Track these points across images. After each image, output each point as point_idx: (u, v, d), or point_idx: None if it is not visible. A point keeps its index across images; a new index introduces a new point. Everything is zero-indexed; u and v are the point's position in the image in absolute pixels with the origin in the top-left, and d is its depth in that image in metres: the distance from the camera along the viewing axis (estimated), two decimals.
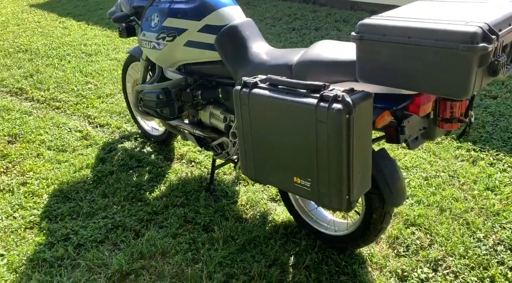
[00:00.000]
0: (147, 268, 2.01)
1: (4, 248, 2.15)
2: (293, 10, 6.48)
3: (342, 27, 5.58)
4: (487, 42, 1.18)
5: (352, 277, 1.95)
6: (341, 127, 1.33)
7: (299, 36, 5.31)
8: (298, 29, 5.59)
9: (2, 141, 3.14)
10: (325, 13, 6.24)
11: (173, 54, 2.22)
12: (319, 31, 5.49)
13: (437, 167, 2.71)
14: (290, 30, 5.57)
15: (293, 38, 5.26)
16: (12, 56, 5.00)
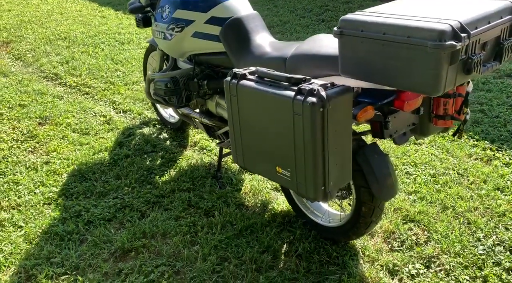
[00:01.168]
0: (147, 247, 2.13)
1: (24, 220, 2.34)
2: (325, 2, 6.42)
3: None
4: (456, 40, 1.18)
5: (342, 268, 1.99)
6: (315, 120, 1.36)
7: (327, 28, 5.28)
8: (327, 21, 5.55)
9: (33, 122, 3.37)
10: (357, 5, 6.14)
11: (182, 44, 2.31)
12: None
13: (447, 165, 2.67)
14: (319, 22, 5.53)
15: (321, 30, 5.24)
16: (52, 43, 5.29)
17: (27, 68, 4.59)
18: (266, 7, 6.39)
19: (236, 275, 1.96)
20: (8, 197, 2.53)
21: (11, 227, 2.30)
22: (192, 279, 1.94)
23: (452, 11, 1.30)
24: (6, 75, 4.35)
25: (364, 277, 1.93)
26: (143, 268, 2.01)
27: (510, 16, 1.36)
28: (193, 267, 2.01)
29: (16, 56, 4.95)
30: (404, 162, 2.72)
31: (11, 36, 5.62)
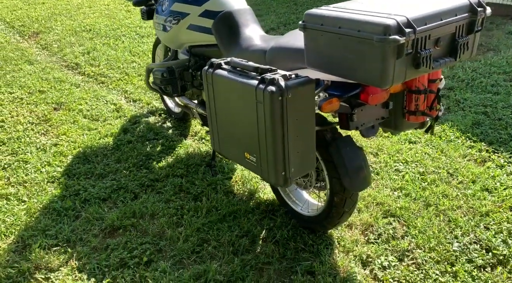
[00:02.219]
0: (135, 226, 2.27)
1: (27, 196, 2.52)
2: None
3: None
4: (400, 34, 1.23)
5: (315, 255, 2.05)
6: (274, 108, 1.44)
7: None
8: None
9: (49, 107, 3.59)
10: None
11: (178, 36, 2.43)
12: None
13: (439, 164, 2.68)
14: None
15: None
16: (77, 34, 5.55)
17: (51, 57, 4.85)
18: (285, 5, 6.45)
19: (214, 256, 2.07)
20: (17, 174, 2.72)
21: (16, 201, 2.48)
22: (172, 257, 2.06)
23: (406, 8, 1.35)
24: (31, 63, 4.61)
25: (335, 266, 2.00)
26: (128, 244, 2.14)
27: (467, 14, 1.40)
28: (175, 246, 2.12)
29: (43, 45, 5.23)
30: (396, 159, 2.74)
31: (41, 27, 5.92)
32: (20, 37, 5.59)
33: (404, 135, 2.99)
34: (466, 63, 4.11)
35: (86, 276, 1.97)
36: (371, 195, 2.41)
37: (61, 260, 2.06)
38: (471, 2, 1.41)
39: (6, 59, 4.70)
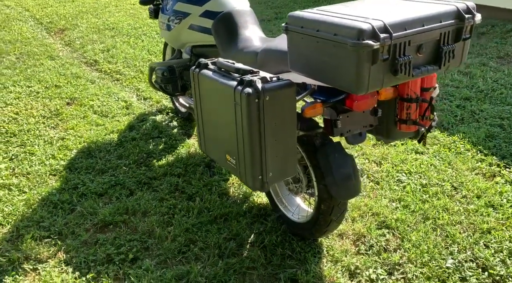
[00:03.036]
0: (126, 222, 2.28)
1: (28, 187, 2.58)
2: None
3: None
4: (374, 39, 1.18)
5: (301, 263, 2.01)
6: (250, 110, 1.41)
7: None
8: None
9: (62, 102, 3.67)
10: None
11: (180, 35, 2.44)
12: None
13: (444, 177, 2.57)
14: None
15: None
16: (100, 32, 5.67)
17: (73, 53, 4.97)
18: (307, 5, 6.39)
19: (199, 257, 2.05)
20: (22, 165, 2.79)
21: (17, 191, 2.54)
22: (157, 256, 2.06)
23: (388, 12, 1.29)
24: (53, 59, 4.75)
25: (320, 275, 1.94)
26: (116, 240, 2.15)
27: (453, 21, 1.33)
28: (162, 245, 2.12)
29: (66, 42, 5.37)
30: (399, 169, 2.66)
31: (68, 24, 6.10)
32: (46, 33, 5.77)
33: (411, 145, 2.89)
34: (488, 73, 3.95)
35: (71, 269, 1.99)
36: (368, 205, 2.34)
37: (51, 252, 2.10)
38: (458, 8, 1.34)
39: (30, 54, 4.86)
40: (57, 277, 1.95)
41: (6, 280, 1.94)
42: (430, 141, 2.95)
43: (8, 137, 3.14)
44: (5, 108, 3.56)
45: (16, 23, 6.15)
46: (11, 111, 3.50)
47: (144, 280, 1.91)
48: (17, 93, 3.86)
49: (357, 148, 2.88)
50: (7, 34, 5.61)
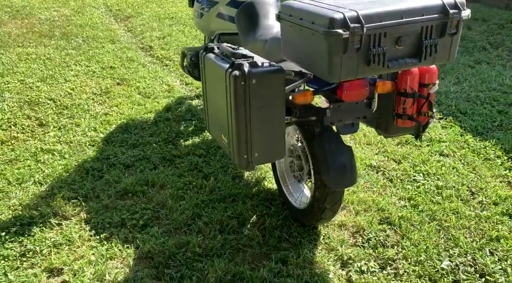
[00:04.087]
0: (145, 193, 2.47)
1: (69, 153, 2.88)
2: None
3: (473, 26, 5.06)
4: (345, 28, 1.22)
5: (295, 247, 2.07)
6: (236, 92, 1.51)
7: None
8: None
9: (113, 82, 3.99)
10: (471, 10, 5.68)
11: (208, 23, 2.58)
12: None
13: (463, 181, 2.49)
14: None
15: None
16: (160, 21, 6.01)
17: (132, 39, 5.33)
18: None
19: (201, 230, 2.19)
20: (67, 134, 3.11)
21: (58, 156, 2.85)
22: (165, 225, 2.23)
23: (368, 4, 1.32)
24: (113, 43, 5.13)
25: (311, 260, 2.00)
26: (132, 208, 2.35)
27: (437, 15, 1.32)
28: (171, 216, 2.29)
29: (129, 28, 5.76)
30: (417, 170, 2.61)
31: (133, 12, 6.51)
32: (113, 19, 6.22)
33: (437, 147, 2.82)
34: None
35: (89, 228, 2.22)
36: (375, 200, 2.34)
37: (75, 211, 2.34)
38: (444, 3, 1.33)
39: (95, 38, 5.28)
40: (75, 233, 2.19)
41: (35, 230, 2.21)
42: (459, 145, 2.86)
43: (61, 109, 3.49)
44: (64, 84, 3.94)
45: (89, 9, 6.68)
46: (68, 87, 3.87)
47: (148, 244, 2.08)
48: (77, 71, 4.24)
49: (379, 145, 2.86)
50: (80, 19, 6.12)
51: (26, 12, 6.47)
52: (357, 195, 2.38)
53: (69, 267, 1.99)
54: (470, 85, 3.70)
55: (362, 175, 2.57)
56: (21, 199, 2.44)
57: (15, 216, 2.31)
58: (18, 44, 5.04)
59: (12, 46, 4.97)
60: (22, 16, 6.27)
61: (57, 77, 4.09)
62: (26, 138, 3.08)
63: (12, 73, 4.21)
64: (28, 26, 5.80)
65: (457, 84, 3.74)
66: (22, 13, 6.44)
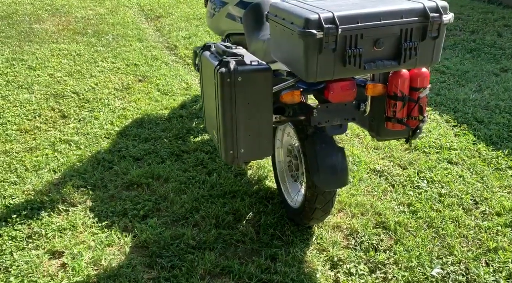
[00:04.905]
0: (149, 185, 2.56)
1: (84, 144, 3.01)
2: (462, 9, 5.90)
3: (505, 33, 4.89)
4: (319, 29, 1.24)
5: (287, 245, 2.10)
6: (222, 88, 1.56)
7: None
8: (449, 30, 5.15)
9: (135, 79, 4.13)
10: (498, 16, 5.50)
11: (218, 23, 2.65)
12: (474, 34, 4.96)
13: (468, 189, 2.44)
14: None
15: None
16: (188, 21, 6.15)
17: (159, 38, 5.49)
18: None
19: (198, 224, 2.25)
20: (85, 126, 3.25)
21: (74, 147, 2.99)
22: (164, 217, 2.30)
23: (347, 6, 1.33)
24: (141, 41, 5.30)
25: (301, 259, 2.02)
26: (135, 198, 2.44)
27: (416, 18, 1.31)
28: (171, 208, 2.36)
29: (158, 28, 5.94)
30: (422, 176, 2.57)
31: (164, 12, 6.70)
32: (144, 19, 6.42)
33: (446, 155, 2.76)
34: None
35: (92, 215, 2.33)
36: (373, 204, 2.33)
37: (82, 199, 2.46)
38: (425, 6, 1.32)
39: (124, 36, 5.48)
40: (80, 220, 2.30)
41: (43, 214, 2.34)
42: (469, 153, 2.79)
43: (83, 102, 3.65)
44: (89, 79, 4.12)
45: (123, 9, 6.93)
46: (92, 82, 4.04)
47: (145, 234, 2.16)
48: (103, 67, 4.42)
49: (386, 150, 2.83)
50: (113, 18, 6.36)
51: (64, 11, 6.78)
52: (355, 198, 2.38)
53: (70, 251, 2.10)
54: (492, 93, 3.60)
55: (364, 179, 2.56)
56: (35, 185, 2.58)
57: (27, 200, 2.45)
58: (53, 40, 5.30)
59: (47, 42, 5.24)
60: (60, 14, 6.58)
61: (83, 72, 4.28)
62: (48, 128, 3.25)
63: (43, 67, 4.44)
64: (65, 23, 6.08)
65: (478, 91, 3.64)
66: (61, 11, 6.76)
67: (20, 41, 5.29)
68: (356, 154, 2.78)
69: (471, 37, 4.90)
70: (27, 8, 6.97)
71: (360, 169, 2.63)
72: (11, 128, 3.25)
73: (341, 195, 2.40)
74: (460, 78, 3.89)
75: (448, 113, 3.28)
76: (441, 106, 3.38)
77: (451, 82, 3.83)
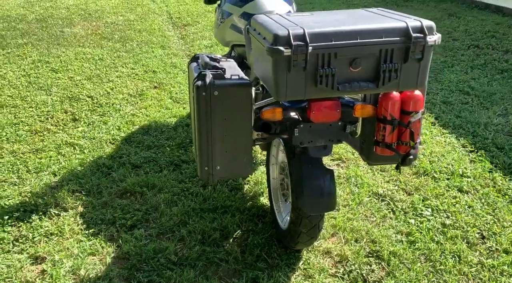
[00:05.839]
0: (142, 194, 2.52)
1: (88, 149, 3.02)
2: (498, 27, 5.62)
3: None
4: (287, 46, 1.15)
5: (270, 268, 1.99)
6: (198, 101, 1.49)
7: (474, 55, 4.69)
8: (481, 48, 4.91)
9: (151, 85, 4.15)
10: None
11: (223, 34, 2.60)
12: (508, 54, 4.70)
13: (475, 222, 2.26)
14: (469, 48, 4.93)
15: (464, 55, 4.68)
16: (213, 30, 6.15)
17: (182, 46, 5.52)
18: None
19: (183, 238, 2.18)
20: (93, 131, 3.27)
21: (78, 150, 3.01)
22: (151, 229, 2.25)
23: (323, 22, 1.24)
24: (164, 48, 5.35)
25: None
26: (126, 207, 2.41)
27: (398, 38, 1.20)
28: (160, 220, 2.31)
29: (182, 36, 5.98)
30: (427, 204, 2.41)
31: (191, 20, 6.76)
32: (171, 26, 6.50)
33: (458, 182, 2.58)
34: None
35: (81, 222, 2.31)
36: (369, 231, 2.19)
37: (75, 204, 2.45)
38: (408, 26, 1.20)
39: (148, 43, 5.55)
40: (68, 226, 2.28)
41: (34, 217, 2.34)
42: (483, 182, 2.60)
43: (96, 106, 3.69)
44: (106, 84, 4.17)
45: (152, 16, 7.05)
46: (108, 87, 4.08)
47: (127, 245, 2.12)
48: (121, 72, 4.47)
49: (392, 173, 2.68)
50: (141, 24, 6.47)
51: (96, 16, 6.97)
52: (351, 222, 2.25)
53: (52, 257, 2.08)
54: None
55: (364, 202, 2.42)
56: (33, 187, 2.60)
57: (22, 202, 2.46)
58: (79, 44, 5.44)
59: (74, 46, 5.38)
60: (91, 19, 6.77)
61: (102, 77, 4.34)
62: (57, 131, 3.29)
63: (65, 70, 4.54)
64: (94, 28, 6.24)
65: (502, 115, 3.42)
66: (93, 16, 6.96)
67: (49, 44, 5.46)
68: (359, 175, 2.65)
69: (504, 57, 4.64)
70: (62, 12, 7.22)
71: (362, 192, 2.50)
72: (23, 128, 3.32)
73: (336, 218, 2.28)
74: (485, 100, 3.67)
75: (466, 137, 3.08)
76: (459, 129, 3.19)
77: (474, 104, 3.62)
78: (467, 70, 4.35)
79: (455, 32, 5.57)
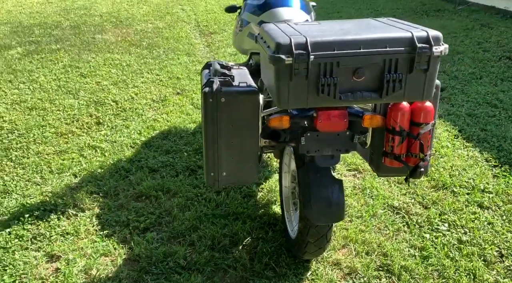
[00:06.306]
0: (157, 197, 2.56)
1: (109, 151, 3.10)
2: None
3: None
4: (288, 55, 1.15)
5: (278, 277, 1.98)
6: (205, 108, 1.51)
7: (505, 67, 4.54)
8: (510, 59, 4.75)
9: (174, 91, 4.23)
10: None
11: (241, 42, 2.62)
12: None
13: (494, 239, 2.17)
14: (500, 59, 4.78)
15: (494, 67, 4.54)
16: None
17: (207, 53, 5.60)
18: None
19: (192, 243, 2.20)
20: (115, 134, 3.36)
21: (99, 153, 3.09)
22: (163, 232, 2.28)
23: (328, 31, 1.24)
24: (189, 56, 5.44)
25: None
26: (140, 210, 2.45)
27: (403, 48, 1.17)
28: (172, 224, 2.34)
29: (208, 43, 6.07)
30: (444, 218, 2.34)
31: (218, 29, 6.85)
32: (198, 34, 6.61)
33: (479, 197, 2.50)
34: None
35: (96, 222, 2.37)
36: (381, 244, 2.15)
37: (92, 205, 2.51)
38: (414, 36, 1.18)
39: (174, 50, 5.66)
40: (84, 226, 2.34)
41: (53, 216, 2.42)
42: (506, 198, 2.50)
43: (120, 111, 3.79)
44: (131, 89, 4.28)
45: (180, 24, 7.19)
46: (133, 92, 4.19)
47: (139, 248, 2.15)
48: (146, 78, 4.58)
49: (410, 186, 2.62)
50: (169, 32, 6.61)
51: (127, 23, 7.18)
52: (363, 234, 2.21)
53: (66, 256, 2.13)
54: None
55: (378, 215, 2.37)
56: (54, 187, 2.69)
57: (43, 202, 2.55)
58: (109, 50, 5.61)
59: (104, 52, 5.55)
60: (122, 26, 6.97)
61: (127, 82, 4.46)
62: (81, 133, 3.40)
63: (93, 75, 4.69)
64: (124, 35, 6.42)
65: None
66: (123, 23, 7.16)
67: (80, 50, 5.65)
68: (375, 186, 2.60)
69: None
70: (95, 19, 7.47)
71: (376, 203, 2.45)
72: (49, 131, 3.44)
73: (348, 229, 2.24)
74: None
75: (490, 151, 2.98)
76: (483, 143, 3.09)
77: (501, 117, 3.50)
78: (496, 82, 4.21)
79: (486, 43, 5.42)
